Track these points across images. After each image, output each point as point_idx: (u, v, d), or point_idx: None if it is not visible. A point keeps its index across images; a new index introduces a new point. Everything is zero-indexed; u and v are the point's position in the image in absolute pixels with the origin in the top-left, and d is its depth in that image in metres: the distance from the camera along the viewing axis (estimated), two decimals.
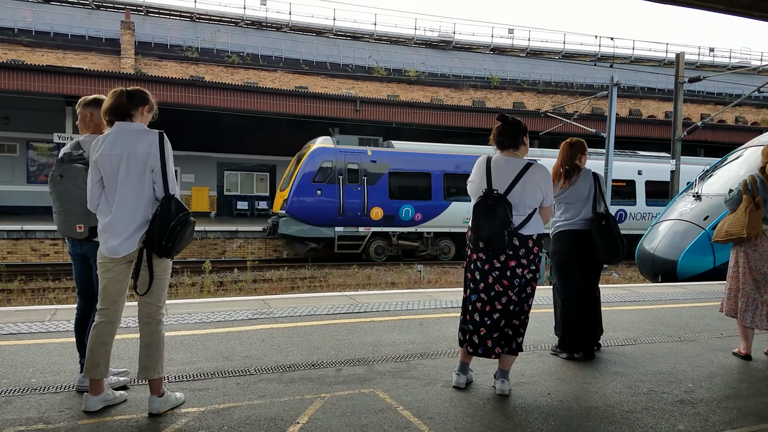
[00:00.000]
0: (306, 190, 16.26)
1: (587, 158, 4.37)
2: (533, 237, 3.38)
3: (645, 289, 7.57)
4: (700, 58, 38.99)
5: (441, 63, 33.35)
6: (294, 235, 16.47)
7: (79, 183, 3.14)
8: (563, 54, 36.69)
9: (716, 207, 9.81)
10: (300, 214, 16.29)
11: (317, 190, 16.35)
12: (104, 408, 3.01)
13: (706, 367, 4.14)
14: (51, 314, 5.13)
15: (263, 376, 3.63)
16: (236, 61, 29.02)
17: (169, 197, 2.93)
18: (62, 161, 3.22)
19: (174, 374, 3.58)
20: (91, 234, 3.16)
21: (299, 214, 16.30)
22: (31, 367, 3.67)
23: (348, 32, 33.85)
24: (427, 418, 3.05)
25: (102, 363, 2.96)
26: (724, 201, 4.56)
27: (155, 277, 2.97)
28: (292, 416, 3.02)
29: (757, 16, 5.41)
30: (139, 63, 27.40)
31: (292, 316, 5.31)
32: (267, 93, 20.09)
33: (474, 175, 3.48)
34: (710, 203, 10.15)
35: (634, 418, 3.15)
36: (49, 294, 11.50)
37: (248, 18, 31.86)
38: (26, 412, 2.98)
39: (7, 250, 15.61)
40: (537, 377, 3.78)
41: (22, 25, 26.40)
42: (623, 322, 5.49)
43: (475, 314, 3.41)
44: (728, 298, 4.49)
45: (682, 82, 17.42)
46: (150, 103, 3.09)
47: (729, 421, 3.16)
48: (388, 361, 4.00)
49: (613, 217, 4.25)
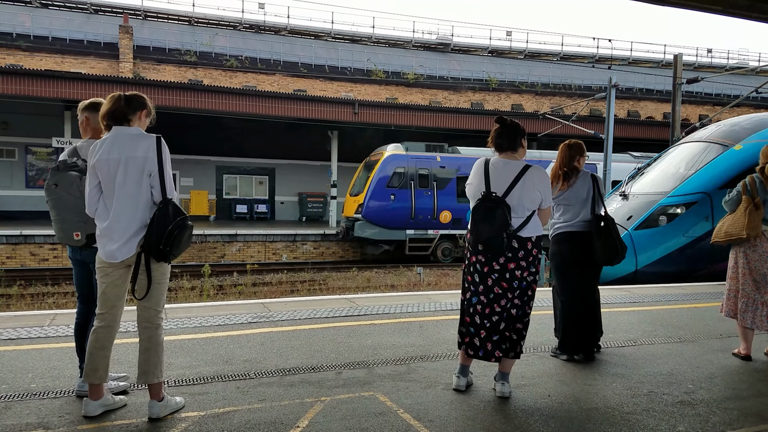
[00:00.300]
0: (380, 195, 17.03)
1: (586, 160, 4.38)
2: (532, 239, 3.38)
3: (644, 290, 7.57)
4: (698, 59, 39.08)
5: (439, 65, 33.41)
6: (369, 237, 17.20)
7: (74, 191, 3.13)
8: (561, 56, 36.76)
9: (641, 206, 9.47)
10: (375, 217, 17.03)
11: (391, 195, 17.09)
12: (104, 413, 3.01)
13: (706, 368, 4.14)
14: (50, 319, 5.13)
15: (263, 379, 3.63)
16: (234, 64, 29.06)
17: (166, 201, 2.93)
18: (57, 169, 3.21)
19: (174, 378, 3.58)
20: (90, 241, 3.15)
21: (374, 218, 17.03)
22: (31, 372, 3.66)
23: (346, 35, 33.90)
24: (427, 421, 3.04)
25: (101, 368, 2.96)
26: (723, 202, 4.56)
27: (154, 282, 2.97)
28: (292, 420, 3.02)
29: (755, 17, 5.43)
30: (138, 67, 27.42)
31: (292, 319, 5.31)
32: (265, 96, 20.11)
33: (472, 177, 3.49)
34: (636, 202, 9.69)
35: (635, 420, 3.15)
36: (48, 299, 11.49)
37: (246, 21, 31.90)
38: (26, 417, 2.97)
39: (6, 255, 15.59)
40: (537, 379, 3.78)
41: (20, 29, 26.42)
42: (623, 323, 5.49)
43: (476, 317, 3.41)
44: (728, 299, 4.49)
45: (680, 83, 17.46)
46: (148, 107, 3.10)
47: (729, 422, 3.16)
48: (388, 364, 4.00)
49: (612, 219, 4.26)
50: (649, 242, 9.00)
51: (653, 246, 8.96)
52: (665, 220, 9.11)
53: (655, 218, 9.13)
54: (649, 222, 9.15)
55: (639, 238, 8.98)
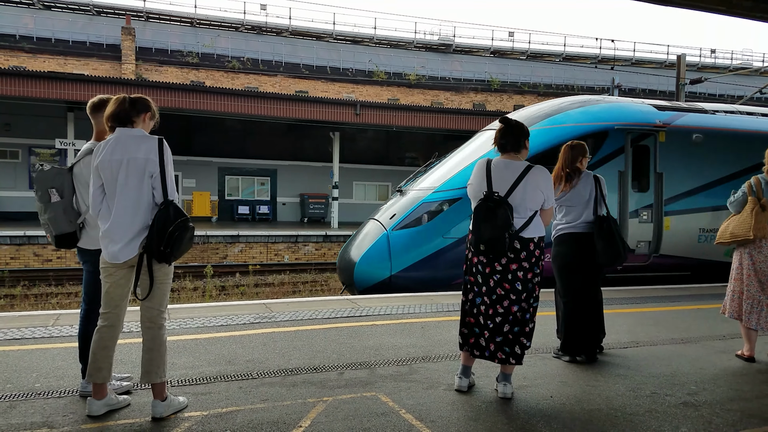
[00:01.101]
0: None
1: (588, 160, 4.39)
2: (534, 240, 3.38)
3: (647, 291, 7.56)
4: (702, 60, 39.00)
5: (441, 66, 33.41)
6: None
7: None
8: (564, 56, 36.72)
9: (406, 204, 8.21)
10: None
11: None
12: (108, 412, 3.02)
13: (709, 369, 4.14)
14: (54, 319, 5.14)
15: (266, 379, 3.63)
16: (236, 66, 29.11)
17: (168, 203, 2.95)
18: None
19: (177, 378, 3.59)
20: (65, 242, 3.24)
21: None
22: (35, 371, 3.67)
23: (348, 36, 33.92)
24: (429, 422, 3.05)
25: (104, 367, 2.97)
26: (728, 203, 4.55)
27: (156, 282, 2.98)
28: (294, 420, 3.02)
29: (759, 17, 5.42)
30: (140, 68, 27.49)
31: (294, 320, 5.32)
32: (267, 98, 20.13)
33: (474, 177, 3.49)
34: (406, 200, 8.39)
35: (637, 421, 3.15)
36: (51, 299, 11.53)
37: (248, 23, 31.95)
38: (30, 416, 2.99)
39: (10, 255, 15.64)
40: (539, 380, 3.78)
41: (23, 31, 26.50)
42: (625, 324, 5.49)
43: (480, 317, 3.41)
44: (731, 300, 4.48)
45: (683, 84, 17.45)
46: (152, 110, 3.12)
47: (732, 423, 3.16)
48: (390, 365, 4.00)
49: (614, 220, 4.26)
50: (406, 245, 7.77)
51: (410, 249, 7.72)
52: (426, 220, 7.89)
53: (418, 218, 7.89)
54: (409, 222, 7.90)
55: (396, 240, 7.82)
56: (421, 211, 7.92)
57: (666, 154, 8.59)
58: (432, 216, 7.85)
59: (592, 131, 8.24)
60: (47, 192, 3.20)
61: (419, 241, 7.76)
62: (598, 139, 8.24)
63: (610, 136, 8.27)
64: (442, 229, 7.73)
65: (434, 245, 7.68)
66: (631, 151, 8.39)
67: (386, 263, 7.72)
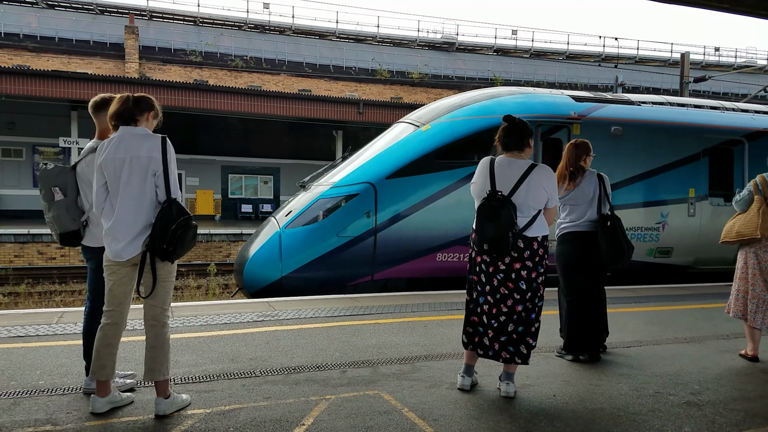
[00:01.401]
0: None
1: (592, 159, 4.37)
2: (538, 239, 3.37)
3: (650, 290, 7.54)
4: (706, 58, 38.85)
5: (444, 65, 33.37)
6: None
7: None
8: (567, 54, 36.63)
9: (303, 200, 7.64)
10: None
11: None
12: (111, 410, 3.03)
13: (712, 368, 4.12)
14: (58, 317, 5.16)
15: (269, 377, 3.64)
16: (240, 64, 29.13)
17: (170, 201, 2.95)
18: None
19: (180, 376, 3.60)
20: (69, 240, 3.26)
21: None
22: (39, 369, 3.69)
23: (351, 35, 33.92)
24: (431, 420, 3.05)
25: (108, 365, 2.98)
26: (734, 202, 4.52)
27: (159, 280, 2.99)
28: (297, 418, 3.03)
29: (763, 15, 5.40)
30: (144, 67, 27.54)
31: (297, 318, 5.32)
32: (270, 96, 20.15)
33: (477, 176, 3.48)
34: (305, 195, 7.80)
35: (640, 420, 3.14)
36: (55, 297, 11.57)
37: (251, 21, 31.98)
38: (34, 413, 3.00)
39: (14, 253, 15.70)
40: (542, 379, 3.77)
41: (27, 30, 26.59)
42: (629, 323, 5.47)
43: (483, 317, 3.41)
44: (736, 299, 4.46)
45: (687, 82, 17.39)
46: (155, 109, 3.13)
47: (736, 423, 3.15)
48: (393, 363, 4.00)
49: (618, 219, 4.23)
50: (299, 244, 7.21)
51: (302, 248, 7.16)
52: (321, 217, 7.30)
53: (314, 215, 7.30)
54: (303, 220, 7.31)
55: (288, 239, 7.26)
56: (316, 207, 7.34)
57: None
58: (328, 213, 7.28)
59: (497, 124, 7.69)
60: (51, 190, 3.21)
61: (313, 240, 7.17)
62: None
63: None
64: (338, 227, 7.20)
65: (328, 244, 7.15)
66: (541, 145, 7.90)
67: (277, 264, 7.16)
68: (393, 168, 7.41)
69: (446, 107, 8.28)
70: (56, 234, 3.27)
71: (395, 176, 7.36)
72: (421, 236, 7.34)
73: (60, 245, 3.39)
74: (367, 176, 7.44)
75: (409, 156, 7.50)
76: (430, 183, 7.38)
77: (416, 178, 7.40)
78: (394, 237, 7.26)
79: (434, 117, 8.07)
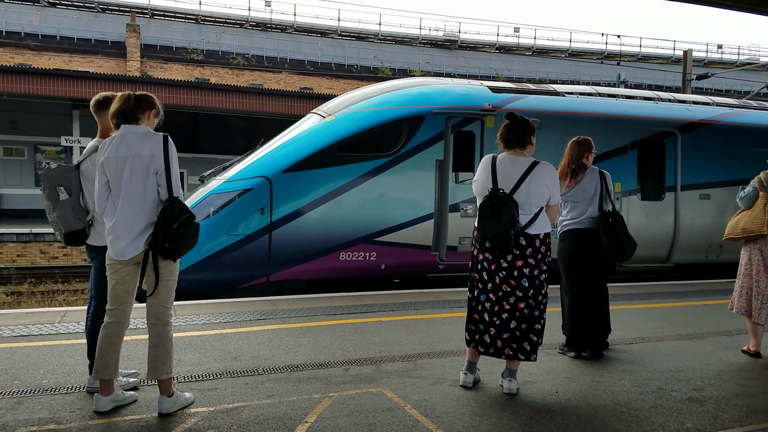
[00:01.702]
0: None
1: (594, 156, 4.37)
2: (540, 236, 3.37)
3: (652, 287, 7.53)
4: (708, 55, 38.72)
5: (446, 62, 33.30)
6: None
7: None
8: (570, 52, 36.54)
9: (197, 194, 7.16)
10: None
11: None
12: (115, 408, 3.04)
13: (715, 364, 4.12)
14: (61, 316, 5.18)
15: (271, 375, 3.65)
16: (241, 62, 29.12)
17: (173, 199, 2.96)
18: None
19: (183, 374, 3.61)
20: (74, 239, 3.26)
21: None
22: (42, 368, 3.70)
23: (353, 32, 33.88)
24: (434, 417, 3.05)
25: (111, 363, 2.99)
26: (738, 199, 4.51)
27: (161, 279, 3.00)
28: (300, 415, 3.03)
29: (766, 11, 5.38)
30: (145, 65, 27.54)
31: (299, 316, 5.33)
32: (272, 94, 20.14)
33: (479, 174, 3.48)
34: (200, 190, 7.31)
35: (643, 416, 3.14)
36: (58, 296, 11.61)
37: (253, 19, 31.96)
38: (38, 412, 3.01)
39: (16, 252, 15.74)
40: (544, 376, 3.78)
41: (28, 29, 26.61)
42: (631, 320, 5.47)
43: (485, 314, 3.41)
44: (739, 296, 4.45)
45: (689, 80, 17.35)
46: (157, 107, 3.14)
47: (738, 418, 3.15)
48: (395, 361, 4.01)
49: (620, 215, 4.23)
50: None
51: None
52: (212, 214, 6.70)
53: (204, 212, 6.66)
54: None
55: None
56: (206, 203, 6.73)
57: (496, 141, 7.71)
58: (219, 209, 6.70)
59: (404, 116, 7.25)
60: (55, 190, 3.22)
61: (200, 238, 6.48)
62: (413, 124, 7.21)
63: (426, 121, 7.26)
64: (228, 225, 6.62)
65: (218, 243, 6.56)
66: (452, 138, 7.39)
67: None
68: (291, 161, 6.88)
69: (357, 97, 7.82)
70: (61, 234, 3.27)
71: (294, 170, 6.83)
72: (322, 234, 6.84)
73: (64, 245, 3.39)
74: (263, 170, 6.90)
75: (310, 148, 6.96)
76: (331, 177, 6.88)
77: (316, 172, 6.90)
78: (291, 235, 6.73)
79: (342, 107, 7.61)
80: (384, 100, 7.55)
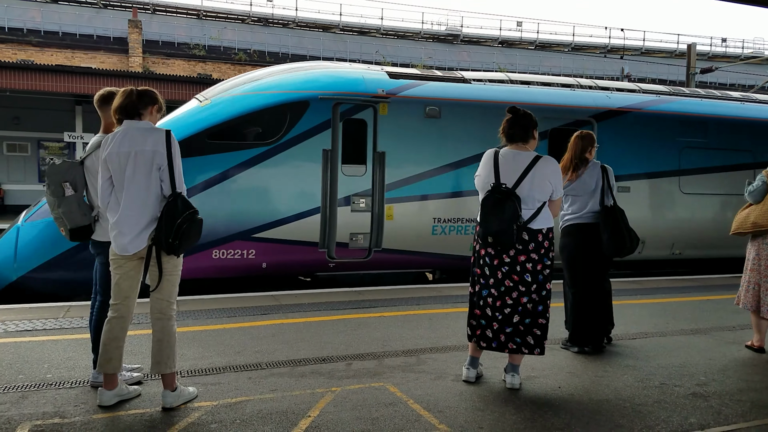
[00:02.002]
0: None
1: (596, 150, 4.35)
2: (543, 231, 3.36)
3: (655, 282, 7.52)
4: (712, 49, 38.48)
5: (449, 57, 33.19)
6: None
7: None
8: (573, 46, 36.37)
9: None
10: None
11: None
12: (119, 402, 3.06)
13: (718, 359, 4.12)
14: (65, 311, 5.20)
15: (274, 370, 3.66)
16: (243, 58, 29.08)
17: (176, 195, 2.96)
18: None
19: (186, 369, 3.62)
20: (80, 235, 3.25)
21: None
22: (47, 362, 3.72)
23: (355, 27, 33.79)
24: (437, 412, 3.06)
25: (115, 357, 3.00)
26: (747, 193, 4.47)
27: (165, 274, 3.01)
28: (303, 410, 3.04)
29: None
30: (147, 61, 27.53)
31: (302, 311, 5.34)
32: None
33: (481, 168, 3.47)
34: None
35: (646, 411, 3.14)
36: None
37: (255, 15, 31.89)
38: (42, 406, 3.03)
39: None
40: (547, 371, 3.78)
41: (30, 25, 26.61)
42: (634, 315, 5.47)
43: (487, 309, 3.41)
44: (746, 291, 4.41)
45: (693, 73, 17.27)
46: (159, 103, 3.14)
47: (742, 413, 3.14)
48: (398, 356, 4.01)
49: (621, 210, 4.21)
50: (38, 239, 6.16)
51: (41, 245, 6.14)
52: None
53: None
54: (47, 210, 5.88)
55: (27, 234, 6.23)
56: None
57: (390, 130, 6.99)
58: None
59: (285, 101, 6.68)
60: (61, 186, 3.21)
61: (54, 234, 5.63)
62: (296, 110, 6.65)
63: (311, 107, 6.68)
64: None
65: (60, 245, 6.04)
66: (340, 126, 6.82)
67: (11, 263, 6.13)
68: None
69: (243, 81, 7.28)
70: (66, 230, 3.26)
71: None
72: None
73: (70, 241, 3.38)
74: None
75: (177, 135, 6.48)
76: (200, 167, 6.27)
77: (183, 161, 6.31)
78: None
79: (220, 91, 7.09)
80: (266, 84, 6.97)
